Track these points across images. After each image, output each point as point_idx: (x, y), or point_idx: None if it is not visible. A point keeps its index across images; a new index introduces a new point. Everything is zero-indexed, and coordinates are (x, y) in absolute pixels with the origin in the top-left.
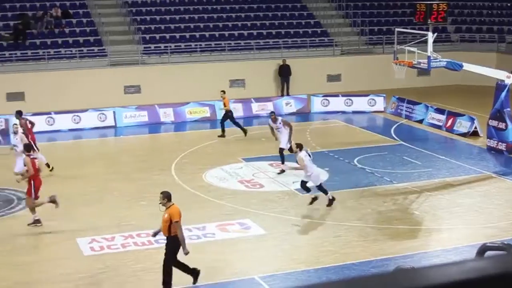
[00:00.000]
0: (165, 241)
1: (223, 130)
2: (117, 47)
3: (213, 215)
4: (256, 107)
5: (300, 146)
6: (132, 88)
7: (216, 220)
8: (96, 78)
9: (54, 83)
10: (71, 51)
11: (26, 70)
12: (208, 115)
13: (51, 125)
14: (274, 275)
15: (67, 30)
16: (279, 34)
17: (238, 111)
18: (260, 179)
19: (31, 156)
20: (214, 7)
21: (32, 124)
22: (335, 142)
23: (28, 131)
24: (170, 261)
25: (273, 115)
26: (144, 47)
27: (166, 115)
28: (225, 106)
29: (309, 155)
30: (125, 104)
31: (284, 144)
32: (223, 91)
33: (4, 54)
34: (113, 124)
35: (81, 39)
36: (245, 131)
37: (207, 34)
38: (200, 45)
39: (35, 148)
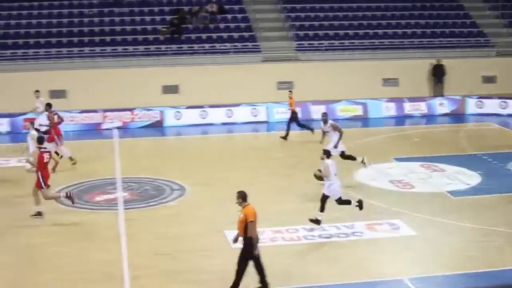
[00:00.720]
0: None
1: (304, 126)
2: (271, 43)
3: (362, 214)
4: (408, 107)
5: (327, 153)
6: (285, 84)
7: (365, 219)
8: (249, 74)
9: (207, 77)
10: (226, 46)
11: (181, 64)
12: (360, 113)
13: (204, 118)
14: (423, 278)
15: (222, 25)
16: (434, 34)
17: (390, 110)
18: (411, 180)
19: (42, 149)
20: (368, 5)
21: (61, 119)
22: (488, 145)
23: (54, 124)
24: (242, 263)
25: (324, 117)
26: (298, 44)
27: (318, 112)
28: (291, 106)
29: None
30: (278, 100)
31: (329, 147)
32: (291, 91)
33: (160, 48)
34: (266, 119)
35: (235, 35)
36: (286, 136)
37: (360, 32)
38: (353, 43)
39: (58, 142)
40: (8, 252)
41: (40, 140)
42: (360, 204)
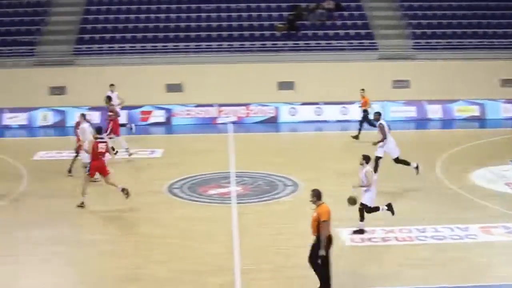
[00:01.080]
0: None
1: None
2: (387, 41)
3: (476, 217)
4: None
5: (367, 159)
6: (400, 82)
7: (480, 221)
8: (365, 71)
9: (323, 74)
10: (342, 43)
11: (297, 60)
12: (477, 114)
13: (319, 115)
14: None
15: (339, 22)
16: None
17: (508, 111)
18: None
19: (98, 139)
20: (488, 3)
21: (117, 114)
22: None
23: (116, 117)
24: (323, 263)
25: (376, 116)
26: (415, 42)
27: (434, 111)
28: (365, 105)
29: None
30: (393, 98)
31: (394, 153)
32: (363, 89)
33: (277, 44)
34: None
35: (352, 32)
36: (357, 136)
37: (479, 31)
38: (471, 42)
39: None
40: (125, 243)
41: (98, 130)
42: (390, 208)
